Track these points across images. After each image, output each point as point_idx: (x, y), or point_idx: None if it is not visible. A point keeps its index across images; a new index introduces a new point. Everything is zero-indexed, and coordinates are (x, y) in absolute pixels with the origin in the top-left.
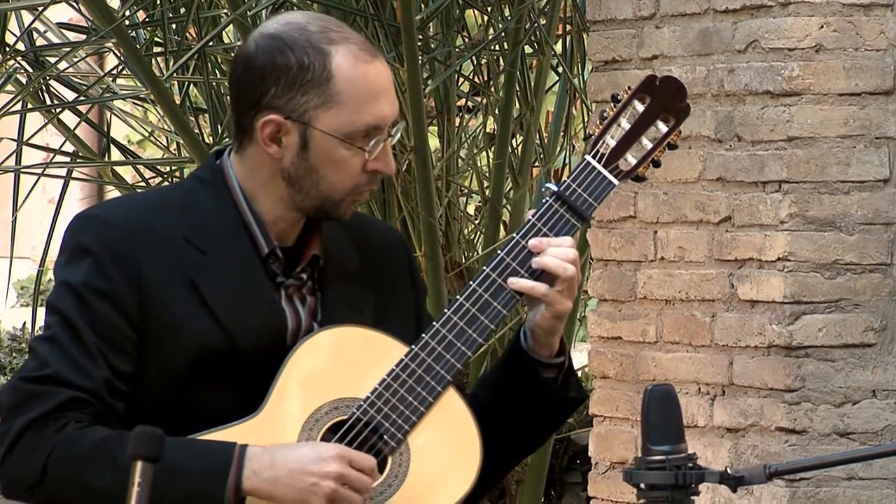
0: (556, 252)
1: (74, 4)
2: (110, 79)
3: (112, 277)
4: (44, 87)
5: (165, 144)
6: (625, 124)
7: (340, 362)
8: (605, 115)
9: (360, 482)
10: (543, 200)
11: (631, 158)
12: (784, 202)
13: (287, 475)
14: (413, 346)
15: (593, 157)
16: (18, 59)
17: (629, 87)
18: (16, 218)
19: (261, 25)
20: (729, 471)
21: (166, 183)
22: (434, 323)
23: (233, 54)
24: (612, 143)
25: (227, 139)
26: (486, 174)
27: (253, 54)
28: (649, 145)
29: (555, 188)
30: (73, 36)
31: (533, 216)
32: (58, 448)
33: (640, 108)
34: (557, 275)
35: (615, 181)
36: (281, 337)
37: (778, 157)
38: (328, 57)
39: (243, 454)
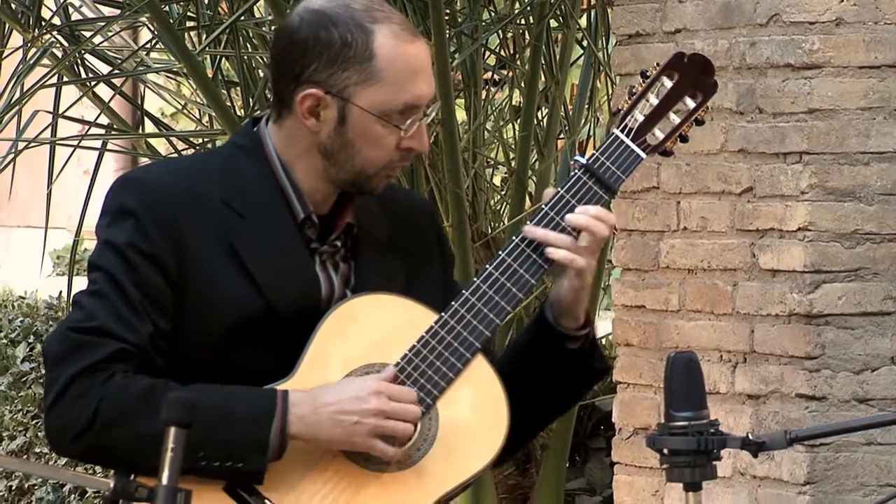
0: (591, 210)
1: None
2: (144, 53)
3: (153, 238)
4: (79, 61)
5: (198, 117)
6: (653, 100)
7: (372, 328)
8: (633, 90)
9: (403, 412)
10: (572, 173)
11: (658, 133)
12: (804, 173)
13: (329, 418)
14: (443, 314)
15: (622, 131)
16: (54, 33)
17: (658, 64)
18: (51, 189)
19: (305, 0)
20: (750, 436)
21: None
22: (463, 291)
23: (264, 29)
24: (641, 117)
25: (258, 111)
26: (512, 146)
27: (297, 28)
28: (677, 120)
29: (583, 161)
30: (107, 11)
31: (562, 188)
32: (107, 395)
33: (668, 84)
34: (593, 232)
35: (643, 155)
36: (315, 302)
37: (799, 128)
38: (371, 35)
39: (286, 399)
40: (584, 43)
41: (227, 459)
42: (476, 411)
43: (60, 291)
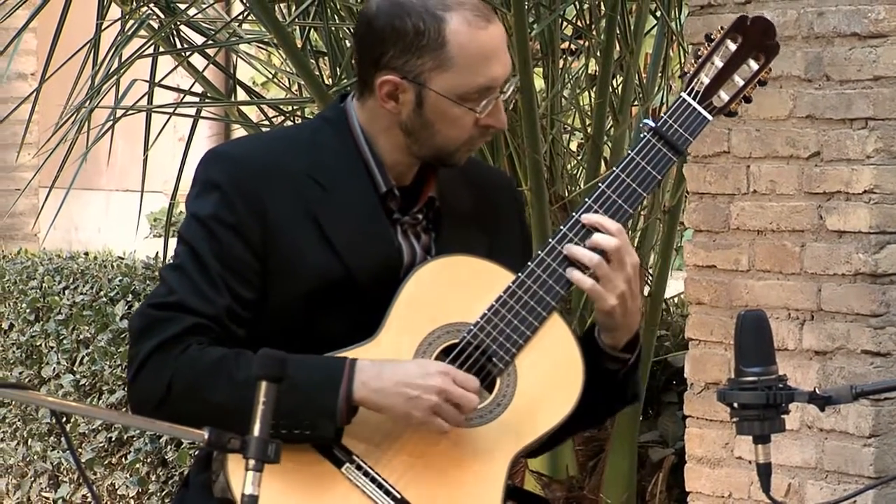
0: (597, 238)
1: None
2: (236, 24)
3: (238, 210)
4: (174, 32)
5: (288, 85)
6: (718, 63)
7: (451, 289)
8: (699, 53)
9: (462, 398)
10: (641, 136)
11: (724, 95)
12: (870, 138)
13: (393, 386)
14: (520, 274)
15: (689, 94)
16: (151, 5)
17: (721, 28)
18: (148, 155)
19: None
20: (817, 391)
21: (289, 122)
22: (539, 252)
23: (351, 1)
24: (706, 80)
25: (344, 80)
26: (588, 113)
27: (374, 16)
28: (741, 82)
29: (652, 124)
30: None
31: (632, 150)
32: (181, 367)
33: (732, 47)
34: (606, 249)
35: (709, 116)
36: (395, 269)
37: (864, 95)
38: (443, 23)
39: (353, 366)
40: (658, 13)
41: (295, 426)
42: (553, 367)
43: (157, 252)
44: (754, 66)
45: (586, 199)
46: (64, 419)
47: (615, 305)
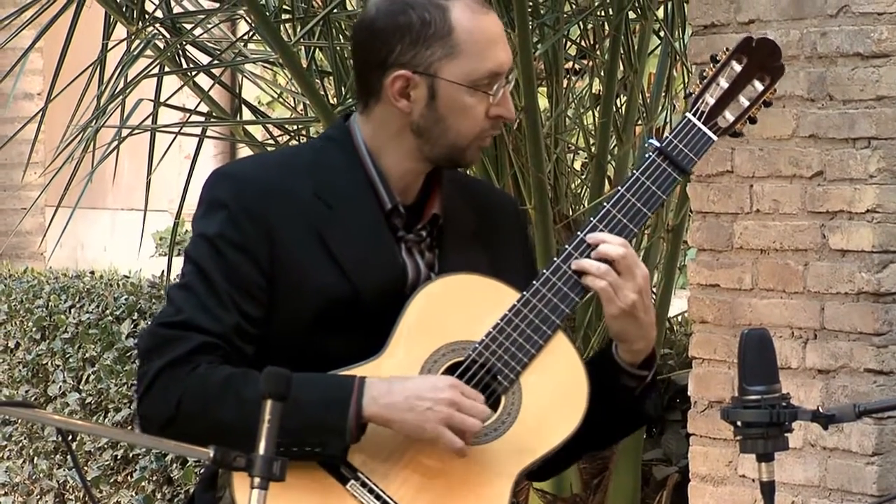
0: (601, 249)
1: None
2: (242, 44)
3: (245, 229)
4: (180, 52)
5: (293, 105)
6: (723, 83)
7: (457, 307)
8: (704, 74)
9: (473, 409)
10: (647, 155)
11: (729, 115)
12: (873, 157)
13: (404, 401)
14: (524, 293)
15: (693, 114)
16: (157, 25)
17: (727, 49)
18: (153, 174)
19: None
20: (820, 409)
21: (294, 141)
22: (544, 271)
23: (355, 21)
24: (711, 101)
25: (350, 100)
26: (592, 132)
27: (374, 18)
28: (746, 103)
29: (657, 143)
30: (207, 4)
31: (637, 170)
32: (190, 386)
33: (737, 68)
34: (612, 259)
35: (714, 137)
36: (400, 287)
37: (867, 115)
38: (447, 11)
39: (363, 384)
40: (661, 33)
41: (305, 444)
42: (557, 385)
43: (162, 271)
44: (759, 87)
45: (591, 219)
46: (70, 437)
47: (627, 311)
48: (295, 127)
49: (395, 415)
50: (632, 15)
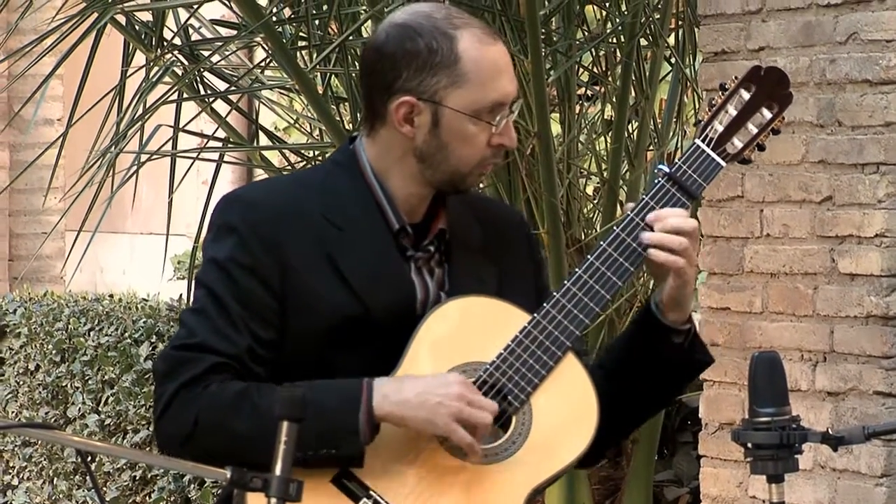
0: (671, 223)
1: (226, 2)
2: (259, 70)
3: (255, 252)
4: (198, 79)
5: (309, 130)
6: (732, 111)
7: (468, 329)
8: (713, 102)
9: (483, 403)
10: (656, 181)
11: (737, 142)
12: (881, 182)
13: (415, 397)
14: (535, 315)
15: (703, 141)
16: (175, 52)
17: (736, 77)
18: (172, 198)
19: (388, 17)
20: (830, 431)
21: (310, 166)
22: (554, 293)
23: None
24: (720, 128)
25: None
26: (604, 157)
27: (383, 43)
28: (754, 130)
29: (667, 169)
30: (224, 31)
31: (646, 195)
32: (205, 403)
33: (746, 95)
34: (671, 248)
35: (723, 163)
36: (411, 306)
37: (876, 140)
38: (454, 41)
39: (371, 385)
40: (672, 60)
41: (321, 447)
42: (568, 406)
43: (181, 294)
44: (767, 114)
45: (601, 243)
46: (89, 458)
47: (689, 280)
48: (311, 152)
49: (407, 411)
50: (643, 42)
